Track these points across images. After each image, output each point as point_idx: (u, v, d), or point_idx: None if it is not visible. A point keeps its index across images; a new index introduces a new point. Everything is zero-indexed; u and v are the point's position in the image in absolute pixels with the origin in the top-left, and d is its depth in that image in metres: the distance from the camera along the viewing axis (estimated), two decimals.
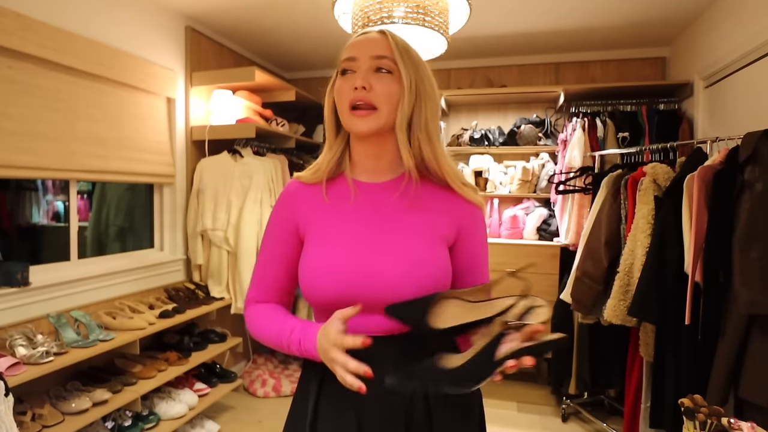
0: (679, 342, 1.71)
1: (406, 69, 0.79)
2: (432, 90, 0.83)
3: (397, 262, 0.78)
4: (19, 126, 1.83)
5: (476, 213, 0.86)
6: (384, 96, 0.78)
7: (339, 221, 0.83)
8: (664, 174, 1.91)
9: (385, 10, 1.64)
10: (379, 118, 0.78)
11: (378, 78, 0.78)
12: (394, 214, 0.82)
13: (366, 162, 0.85)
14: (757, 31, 1.99)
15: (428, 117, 0.81)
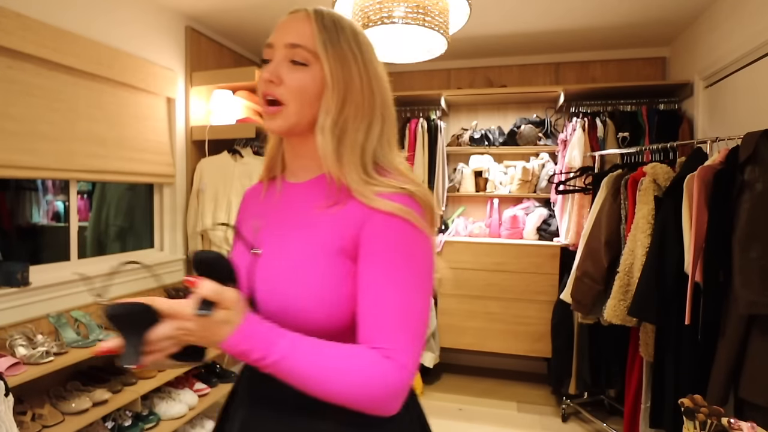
0: (679, 342, 1.71)
1: (330, 62, 0.67)
2: (361, 87, 0.69)
3: (269, 274, 0.69)
4: (20, 126, 1.83)
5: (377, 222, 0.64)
6: (296, 91, 0.67)
7: (249, 226, 0.78)
8: (664, 174, 1.91)
9: (385, 10, 1.64)
10: (288, 117, 0.68)
11: (290, 70, 0.68)
12: (291, 220, 0.72)
13: (290, 161, 0.77)
14: (758, 31, 1.99)
15: (348, 118, 0.68)
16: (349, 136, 0.68)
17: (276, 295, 0.66)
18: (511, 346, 2.98)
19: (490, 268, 3.00)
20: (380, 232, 0.63)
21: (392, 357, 0.59)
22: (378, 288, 0.62)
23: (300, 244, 0.68)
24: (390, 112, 0.74)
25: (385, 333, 0.61)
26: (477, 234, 3.22)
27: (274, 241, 0.71)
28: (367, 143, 0.69)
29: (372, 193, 0.65)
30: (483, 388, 3.07)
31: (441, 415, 2.70)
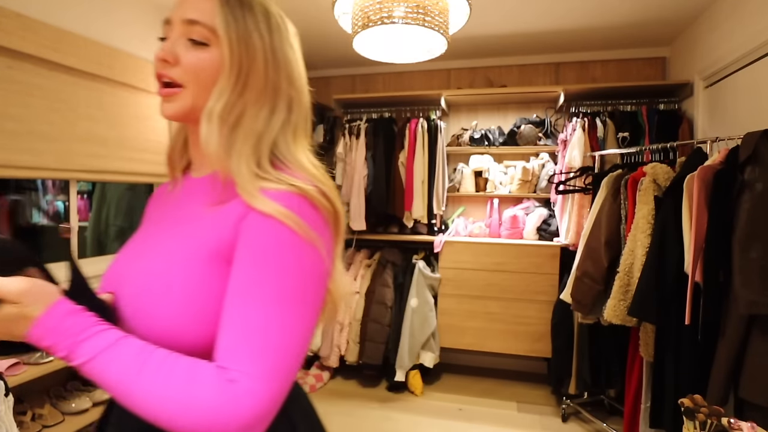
0: (679, 342, 1.71)
1: (229, 41, 0.60)
2: (265, 71, 0.62)
3: (137, 275, 0.61)
4: (20, 126, 1.83)
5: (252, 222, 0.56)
6: (192, 72, 0.61)
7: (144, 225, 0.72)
8: (664, 174, 1.91)
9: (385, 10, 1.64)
10: (185, 101, 0.62)
11: (185, 49, 0.61)
12: (174, 219, 0.65)
13: (192, 152, 0.70)
14: (758, 31, 1.99)
15: (248, 103, 0.61)
16: (244, 124, 0.61)
17: (138, 305, 0.58)
18: (511, 346, 2.98)
19: (490, 268, 3.00)
20: (251, 236, 0.55)
21: (238, 381, 0.49)
22: (238, 300, 0.53)
23: (172, 247, 0.60)
24: (301, 100, 0.67)
25: (236, 353, 0.51)
26: (477, 234, 3.22)
27: (148, 243, 0.65)
28: (266, 133, 0.62)
29: (256, 189, 0.57)
30: (483, 388, 3.07)
31: (441, 415, 2.70)
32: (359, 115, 3.39)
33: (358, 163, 3.21)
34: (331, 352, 3.10)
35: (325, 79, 3.75)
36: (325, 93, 3.67)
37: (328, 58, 3.45)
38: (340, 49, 3.17)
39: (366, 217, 3.20)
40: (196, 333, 0.55)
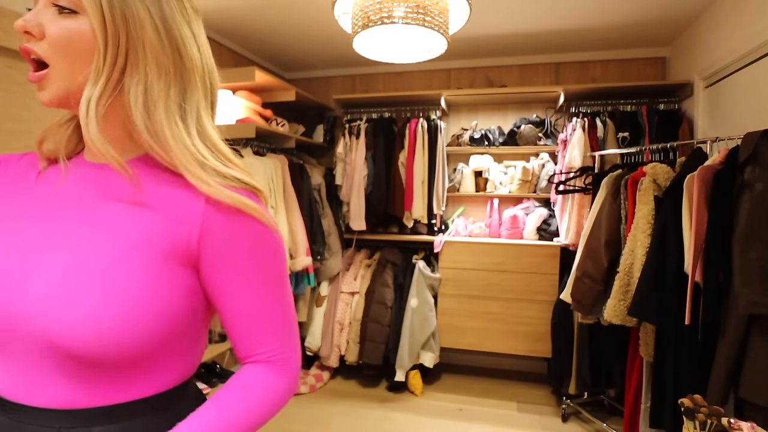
0: (679, 342, 1.71)
1: (95, 3, 0.50)
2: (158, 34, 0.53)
3: (59, 273, 0.50)
4: (20, 126, 1.83)
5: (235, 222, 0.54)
6: (58, 47, 0.51)
7: (16, 211, 0.57)
8: (664, 174, 1.91)
9: (385, 10, 1.64)
10: (57, 82, 0.52)
11: (50, 19, 0.51)
12: (89, 207, 0.55)
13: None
14: (758, 31, 1.99)
15: (150, 80, 0.53)
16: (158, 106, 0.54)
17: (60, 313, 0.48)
18: (511, 346, 2.98)
19: (490, 268, 3.00)
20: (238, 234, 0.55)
21: (288, 359, 0.61)
22: (253, 297, 0.56)
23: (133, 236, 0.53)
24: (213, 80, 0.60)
25: (277, 340, 0.59)
26: (477, 234, 3.22)
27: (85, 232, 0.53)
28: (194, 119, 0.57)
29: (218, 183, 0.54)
30: (483, 388, 3.07)
31: (441, 415, 2.70)
32: (359, 115, 3.39)
33: (358, 163, 3.21)
34: (331, 352, 3.10)
35: (325, 79, 3.76)
36: (325, 93, 3.67)
37: (328, 58, 3.45)
38: (340, 49, 3.17)
39: (366, 217, 3.20)
40: (132, 337, 0.50)
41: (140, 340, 0.50)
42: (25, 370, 0.50)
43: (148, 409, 0.54)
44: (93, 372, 0.50)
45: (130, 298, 0.50)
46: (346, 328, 3.10)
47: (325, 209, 3.18)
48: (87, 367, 0.50)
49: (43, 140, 0.60)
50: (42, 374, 0.50)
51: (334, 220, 3.24)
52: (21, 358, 0.50)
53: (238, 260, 0.55)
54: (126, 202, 0.55)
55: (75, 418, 0.51)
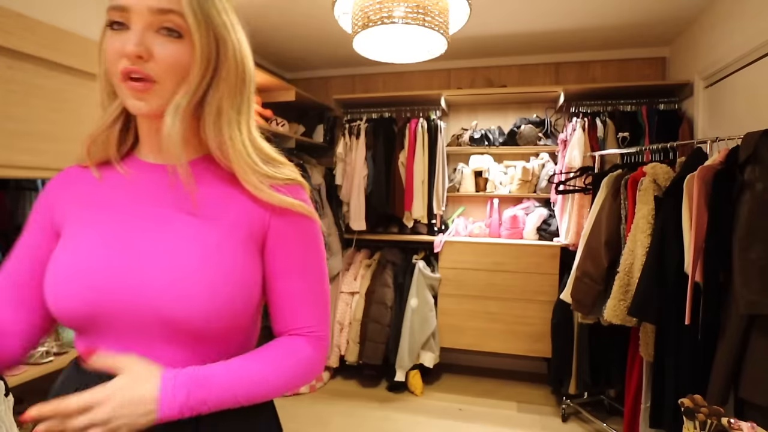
0: (679, 342, 1.71)
1: (201, 28, 0.58)
2: (237, 55, 0.62)
3: (164, 264, 0.58)
4: (20, 126, 1.83)
5: (292, 219, 0.65)
6: (167, 67, 0.58)
7: (102, 211, 0.64)
8: (664, 174, 1.91)
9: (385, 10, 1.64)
10: (163, 96, 0.59)
11: (160, 42, 0.57)
12: (176, 204, 0.63)
13: (150, 139, 0.66)
14: (758, 31, 1.99)
15: (224, 95, 0.62)
16: (226, 119, 0.62)
17: (173, 289, 0.57)
18: (511, 346, 2.98)
19: (490, 268, 3.00)
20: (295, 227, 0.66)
21: (323, 336, 0.69)
22: (301, 279, 0.67)
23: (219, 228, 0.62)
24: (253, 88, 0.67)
25: (317, 317, 0.68)
26: (477, 234, 3.22)
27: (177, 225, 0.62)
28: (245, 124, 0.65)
29: (271, 184, 0.64)
30: (483, 388, 3.07)
31: (441, 415, 2.70)
32: (359, 115, 3.39)
33: (358, 163, 3.21)
34: (331, 352, 3.10)
35: (325, 79, 3.76)
36: (324, 93, 3.67)
37: (328, 58, 3.45)
38: (340, 49, 3.17)
39: (366, 217, 3.20)
40: (230, 308, 0.59)
41: (238, 311, 0.61)
42: (136, 345, 0.59)
43: None
44: (196, 342, 0.60)
45: (236, 275, 0.60)
46: (346, 328, 3.10)
47: (325, 209, 3.18)
48: (192, 338, 0.59)
49: (92, 145, 0.67)
50: (152, 346, 0.59)
51: (334, 220, 3.24)
52: (133, 334, 0.59)
53: (290, 247, 0.66)
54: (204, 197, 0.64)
55: None
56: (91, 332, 0.61)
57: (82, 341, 0.63)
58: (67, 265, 0.60)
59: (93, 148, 0.68)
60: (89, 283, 0.58)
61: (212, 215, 0.63)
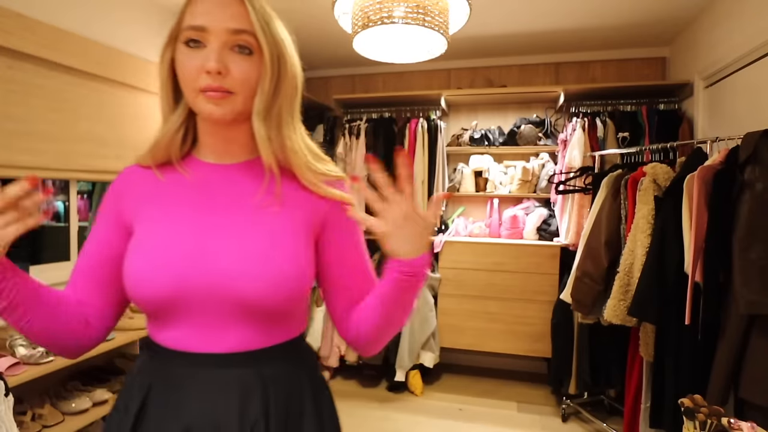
0: (679, 342, 1.71)
1: (269, 46, 0.66)
2: (293, 69, 0.70)
3: (238, 251, 0.66)
4: (20, 126, 1.83)
5: (345, 209, 0.74)
6: (242, 80, 0.65)
7: (173, 206, 0.71)
8: (664, 174, 1.91)
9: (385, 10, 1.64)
10: (236, 104, 0.66)
11: (235, 59, 0.65)
12: (243, 199, 0.71)
13: (214, 142, 0.73)
14: (757, 31, 1.99)
15: (283, 103, 0.70)
16: (285, 122, 0.70)
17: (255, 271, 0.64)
18: (511, 346, 2.98)
19: (490, 268, 3.00)
20: (348, 218, 0.74)
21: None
22: (364, 258, 0.77)
23: (282, 220, 0.70)
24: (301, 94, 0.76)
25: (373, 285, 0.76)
26: (477, 234, 3.22)
27: (243, 217, 0.69)
28: (299, 127, 0.74)
29: (323, 180, 0.73)
30: (483, 388, 3.07)
31: (441, 415, 2.70)
32: (359, 115, 3.39)
33: (358, 163, 3.21)
34: (331, 352, 3.10)
35: (325, 79, 3.76)
36: (324, 93, 3.67)
37: (328, 58, 3.45)
38: (340, 49, 3.17)
39: None
40: (293, 287, 0.67)
41: (300, 290, 0.68)
42: (209, 324, 0.66)
43: (290, 349, 0.72)
44: (263, 319, 0.67)
45: (299, 259, 0.68)
46: None
47: None
48: (260, 316, 0.66)
49: (157, 149, 0.74)
50: (223, 325, 0.66)
51: None
52: (208, 315, 0.65)
53: (348, 232, 0.75)
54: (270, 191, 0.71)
55: (248, 357, 0.67)
56: (167, 315, 0.66)
57: (156, 324, 0.69)
58: (147, 256, 0.66)
59: (157, 151, 0.74)
60: (170, 272, 0.64)
61: (277, 206, 0.71)
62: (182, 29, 0.65)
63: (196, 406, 0.64)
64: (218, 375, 0.65)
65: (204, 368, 0.65)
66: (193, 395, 0.64)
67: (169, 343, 0.67)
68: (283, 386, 0.68)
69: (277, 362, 0.69)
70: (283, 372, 0.69)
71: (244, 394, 0.65)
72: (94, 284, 0.72)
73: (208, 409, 0.64)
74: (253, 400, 0.65)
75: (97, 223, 0.75)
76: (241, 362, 0.66)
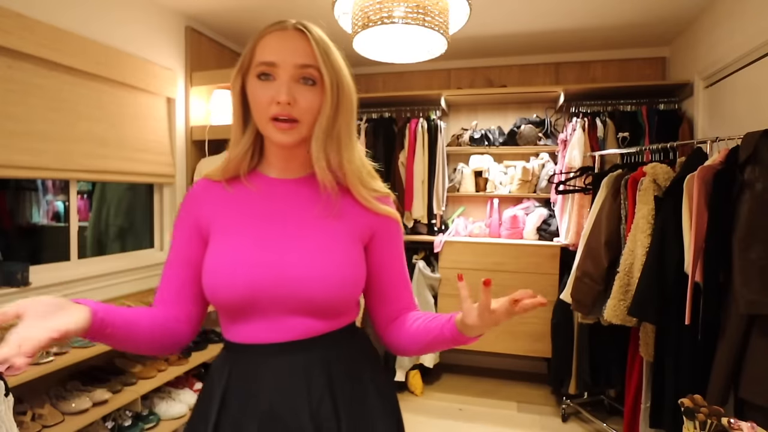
0: (679, 342, 1.71)
1: (329, 77, 0.75)
2: (349, 93, 0.79)
3: (303, 257, 0.75)
4: (20, 126, 1.83)
5: (392, 224, 0.85)
6: (307, 109, 0.75)
7: (244, 217, 0.80)
8: (664, 174, 1.91)
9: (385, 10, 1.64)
10: (301, 131, 0.76)
11: (301, 90, 0.74)
12: (304, 211, 0.80)
13: (278, 160, 0.83)
14: (757, 31, 1.99)
15: (342, 125, 0.78)
16: (344, 143, 0.78)
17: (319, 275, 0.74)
18: (511, 346, 2.98)
19: (490, 268, 3.00)
20: (394, 231, 0.86)
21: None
22: (403, 271, 0.89)
23: (338, 230, 0.79)
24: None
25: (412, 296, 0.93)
26: (477, 234, 3.22)
27: (306, 227, 0.79)
28: (356, 146, 0.82)
29: (374, 196, 0.82)
30: (483, 388, 3.07)
31: (441, 415, 2.70)
32: (359, 114, 3.37)
33: None
34: None
35: None
36: None
37: None
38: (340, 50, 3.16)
39: None
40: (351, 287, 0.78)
41: (355, 290, 0.79)
42: (280, 320, 0.75)
43: (345, 333, 0.82)
44: (325, 314, 0.77)
45: (355, 264, 0.79)
46: None
47: None
48: (323, 311, 0.76)
49: (229, 167, 0.82)
50: (291, 319, 0.75)
51: None
52: (278, 312, 0.75)
53: (393, 244, 0.86)
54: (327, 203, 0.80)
55: (311, 343, 0.77)
56: (241, 314, 0.76)
57: (229, 322, 0.79)
58: (223, 264, 0.75)
59: (228, 168, 0.83)
60: (244, 278, 0.73)
61: (333, 217, 0.79)
62: (254, 64, 0.75)
63: (271, 387, 0.74)
64: (287, 360, 0.75)
65: (274, 356, 0.75)
66: (267, 379, 0.75)
67: (242, 338, 0.77)
68: (343, 364, 0.79)
69: (336, 345, 0.79)
70: (342, 352, 0.80)
71: (310, 374, 0.75)
72: (179, 293, 0.82)
73: (281, 390, 0.74)
74: (318, 378, 0.75)
75: (176, 236, 0.84)
76: (306, 348, 0.76)
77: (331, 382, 0.76)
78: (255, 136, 0.81)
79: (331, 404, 0.75)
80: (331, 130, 0.77)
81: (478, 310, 0.69)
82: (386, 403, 0.83)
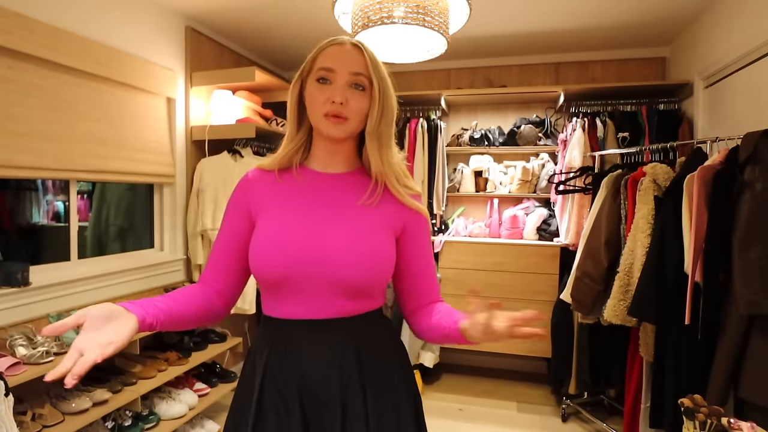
0: (679, 342, 1.71)
1: (378, 85, 0.87)
2: (392, 100, 0.90)
3: (340, 241, 0.84)
4: (19, 126, 1.83)
5: (421, 220, 0.94)
6: (356, 110, 0.86)
7: (289, 204, 0.90)
8: (664, 174, 1.91)
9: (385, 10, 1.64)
10: (349, 127, 0.87)
11: (353, 94, 0.86)
12: (343, 200, 0.90)
13: (324, 156, 0.93)
14: (757, 31, 1.99)
15: (384, 127, 0.89)
16: (385, 143, 0.90)
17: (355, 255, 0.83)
18: (511, 346, 2.98)
19: (490, 268, 3.00)
20: (423, 226, 0.95)
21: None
22: (431, 263, 0.98)
23: (373, 220, 0.89)
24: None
25: (438, 288, 1.01)
26: (477, 234, 3.22)
27: (344, 215, 0.89)
28: (394, 146, 0.93)
29: (407, 193, 0.92)
30: (483, 388, 3.07)
31: (441, 415, 2.70)
32: None
33: None
34: None
35: None
36: None
37: None
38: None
39: None
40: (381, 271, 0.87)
41: (385, 274, 0.89)
42: (314, 297, 0.85)
43: (372, 317, 0.92)
44: (356, 295, 0.86)
45: (387, 250, 0.88)
46: None
47: None
48: (355, 292, 0.85)
49: (283, 159, 0.93)
50: (325, 298, 0.85)
51: None
52: (313, 290, 0.84)
53: (422, 238, 0.95)
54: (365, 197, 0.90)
55: (343, 323, 0.87)
56: (281, 290, 0.85)
57: (271, 299, 0.89)
58: (270, 242, 0.85)
59: (282, 161, 0.93)
60: (287, 256, 0.83)
61: (370, 207, 0.90)
62: (315, 69, 0.87)
63: (307, 359, 0.85)
64: (321, 336, 0.85)
65: (310, 331, 0.85)
66: (304, 351, 0.85)
67: (281, 314, 0.87)
68: (370, 344, 0.89)
69: (365, 325, 0.90)
70: (370, 334, 0.90)
71: (341, 351, 0.86)
72: (227, 267, 0.92)
73: (317, 362, 0.85)
74: (349, 356, 0.86)
75: (228, 216, 0.94)
76: (338, 327, 0.86)
77: (360, 359, 0.86)
78: (307, 135, 0.93)
79: (359, 379, 0.85)
80: (377, 130, 0.88)
81: (482, 328, 0.74)
82: (407, 385, 0.92)
